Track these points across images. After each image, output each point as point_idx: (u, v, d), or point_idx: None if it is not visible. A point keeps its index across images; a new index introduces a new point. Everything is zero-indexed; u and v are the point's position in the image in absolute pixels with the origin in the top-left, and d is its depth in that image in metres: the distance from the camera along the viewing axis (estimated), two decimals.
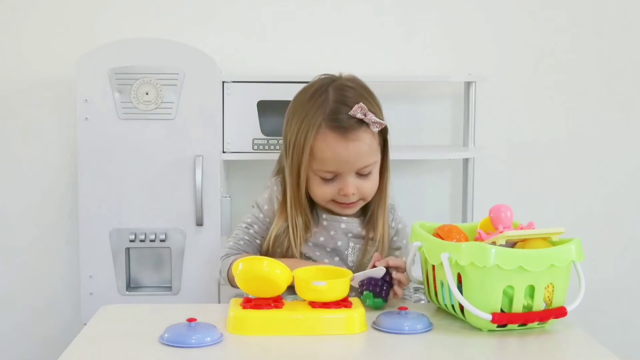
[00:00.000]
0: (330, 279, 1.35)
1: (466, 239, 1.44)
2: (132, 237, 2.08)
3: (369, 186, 1.64)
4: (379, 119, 1.62)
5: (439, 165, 2.42)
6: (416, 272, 1.52)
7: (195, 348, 1.24)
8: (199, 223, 2.07)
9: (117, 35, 2.20)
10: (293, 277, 1.36)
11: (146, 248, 2.11)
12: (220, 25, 2.33)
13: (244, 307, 1.33)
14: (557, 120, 2.42)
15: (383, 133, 1.65)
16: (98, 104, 2.06)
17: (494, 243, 1.35)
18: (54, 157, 2.34)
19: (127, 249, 2.10)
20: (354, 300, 1.38)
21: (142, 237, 2.08)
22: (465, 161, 2.34)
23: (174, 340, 1.25)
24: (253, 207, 1.73)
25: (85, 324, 1.40)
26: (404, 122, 2.38)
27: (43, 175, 2.34)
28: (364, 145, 1.60)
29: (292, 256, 1.65)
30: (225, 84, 2.15)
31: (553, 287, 1.34)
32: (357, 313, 1.33)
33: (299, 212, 1.65)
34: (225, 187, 2.21)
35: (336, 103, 1.60)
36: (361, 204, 1.67)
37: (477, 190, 2.34)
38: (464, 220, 2.33)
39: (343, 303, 1.35)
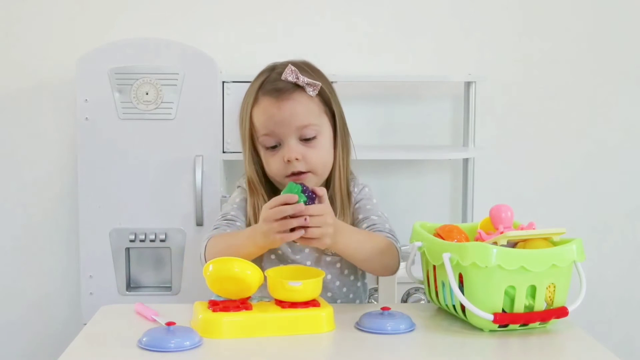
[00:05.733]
0: (303, 279, 1.35)
1: (467, 239, 1.44)
2: (132, 237, 2.08)
3: (316, 155, 1.58)
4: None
5: (439, 165, 2.42)
6: (416, 272, 1.52)
7: (173, 352, 1.21)
8: (199, 223, 2.07)
9: (117, 35, 2.20)
10: (265, 277, 1.35)
11: (146, 248, 2.11)
12: (220, 25, 2.33)
13: (214, 311, 1.31)
14: (557, 120, 2.42)
15: (328, 103, 1.61)
16: (98, 104, 2.06)
17: (495, 243, 1.34)
18: (54, 157, 2.34)
19: (127, 249, 2.10)
20: (320, 299, 1.37)
21: (142, 237, 2.08)
22: (465, 161, 2.34)
23: (152, 344, 1.23)
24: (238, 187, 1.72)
25: (85, 324, 1.40)
26: (404, 122, 2.38)
27: (43, 176, 2.34)
28: (298, 105, 1.56)
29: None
30: (225, 84, 2.15)
31: (554, 287, 1.34)
32: (325, 312, 1.34)
33: (258, 190, 1.63)
34: (225, 187, 2.21)
35: (276, 74, 1.59)
36: (312, 178, 1.60)
37: (477, 190, 2.34)
38: (464, 220, 2.34)
39: (311, 302, 1.35)
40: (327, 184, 1.65)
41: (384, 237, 1.55)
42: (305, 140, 1.58)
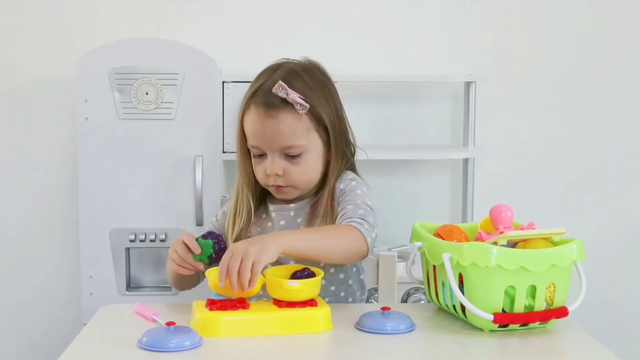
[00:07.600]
0: (302, 279, 1.35)
1: (467, 239, 1.44)
2: (132, 237, 2.08)
3: (298, 172, 1.56)
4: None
5: (439, 165, 2.42)
6: (416, 272, 1.52)
7: (173, 352, 1.21)
8: (199, 223, 2.07)
9: (117, 35, 2.20)
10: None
11: (146, 248, 2.11)
12: (220, 25, 2.34)
13: (212, 309, 1.31)
14: (557, 120, 2.42)
15: (320, 121, 1.56)
16: (98, 104, 2.06)
17: (495, 243, 1.34)
18: (54, 157, 2.34)
19: (127, 249, 2.10)
20: (318, 299, 1.37)
21: (142, 237, 2.08)
22: (465, 161, 2.34)
23: (151, 344, 1.22)
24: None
25: (85, 324, 1.40)
26: (404, 122, 2.38)
27: (43, 175, 2.34)
28: (283, 125, 1.53)
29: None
30: (225, 84, 2.15)
31: (554, 287, 1.34)
32: (323, 312, 1.34)
33: (244, 192, 1.61)
34: (225, 187, 2.21)
35: (272, 82, 1.55)
36: (293, 192, 1.58)
37: (477, 190, 2.34)
38: (464, 220, 2.34)
39: (308, 302, 1.35)
40: (317, 191, 1.63)
41: (343, 224, 1.48)
42: (290, 156, 1.56)
